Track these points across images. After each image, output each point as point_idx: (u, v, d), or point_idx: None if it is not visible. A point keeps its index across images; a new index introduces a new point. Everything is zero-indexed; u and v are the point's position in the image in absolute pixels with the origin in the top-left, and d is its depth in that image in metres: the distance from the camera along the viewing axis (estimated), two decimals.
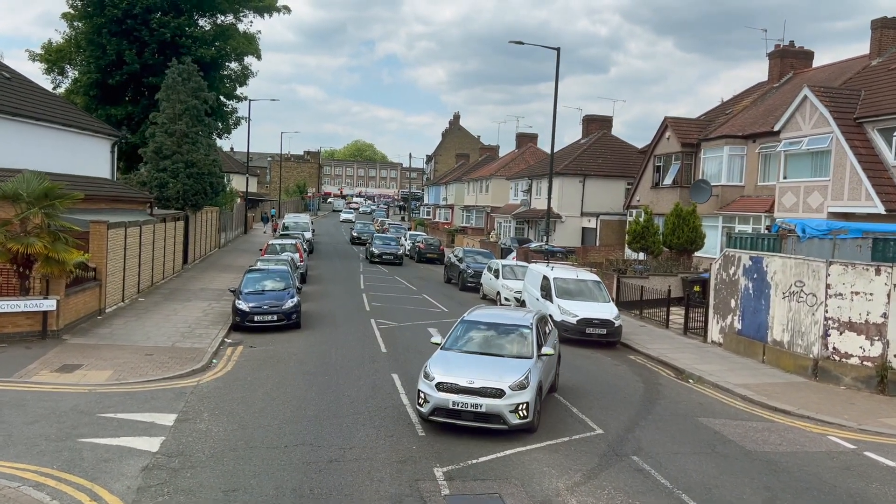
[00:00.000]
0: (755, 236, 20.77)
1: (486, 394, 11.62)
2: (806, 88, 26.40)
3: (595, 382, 16.27)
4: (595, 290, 21.94)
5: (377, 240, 45.04)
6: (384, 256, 41.94)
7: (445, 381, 11.81)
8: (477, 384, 11.72)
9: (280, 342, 18.95)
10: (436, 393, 11.77)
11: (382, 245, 43.36)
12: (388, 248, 42.99)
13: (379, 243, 43.81)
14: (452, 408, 11.63)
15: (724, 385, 16.52)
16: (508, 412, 11.54)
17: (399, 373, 15.86)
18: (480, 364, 12.44)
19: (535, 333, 13.40)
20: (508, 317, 14.43)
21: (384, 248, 42.87)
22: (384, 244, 43.64)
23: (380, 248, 42.69)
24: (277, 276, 22.31)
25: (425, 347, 18.69)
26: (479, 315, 14.42)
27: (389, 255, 42.11)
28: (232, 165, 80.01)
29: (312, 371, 15.87)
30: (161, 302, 23.74)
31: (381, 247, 42.99)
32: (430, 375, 12.05)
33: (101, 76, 39.72)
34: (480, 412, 11.58)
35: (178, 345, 17.71)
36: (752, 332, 19.62)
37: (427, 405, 11.84)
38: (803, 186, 26.66)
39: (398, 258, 42.34)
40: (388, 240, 45.42)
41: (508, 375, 11.93)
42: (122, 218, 23.75)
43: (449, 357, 12.79)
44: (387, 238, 46.10)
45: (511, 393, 11.63)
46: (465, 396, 11.62)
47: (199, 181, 33.54)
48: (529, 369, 12.23)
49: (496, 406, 11.55)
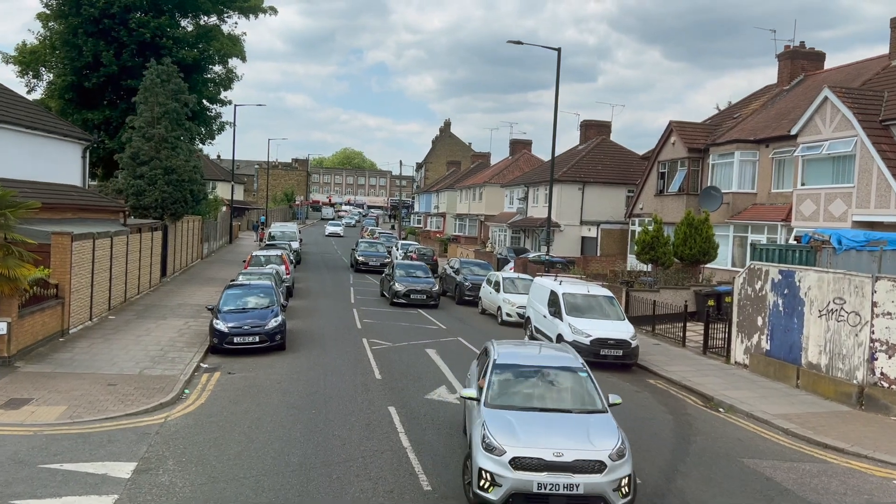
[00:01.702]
0: (784, 248, 19.05)
1: (584, 469, 8.78)
2: (826, 89, 24.78)
3: (617, 414, 14.37)
4: (608, 307, 20.13)
5: (399, 269, 30.48)
6: (414, 296, 28.28)
7: (525, 456, 8.80)
8: (568, 457, 8.80)
9: (262, 367, 17.01)
10: (511, 473, 8.73)
11: (410, 280, 29.33)
12: (418, 283, 29.16)
13: (402, 274, 29.88)
14: (538, 491, 8.67)
15: (761, 416, 14.72)
16: (612, 490, 8.78)
17: (396, 405, 13.96)
18: (553, 426, 9.53)
19: (590, 375, 10.97)
20: (550, 357, 11.78)
21: (413, 283, 29.04)
22: (412, 279, 29.52)
23: (406, 284, 28.80)
24: (260, 291, 20.38)
25: (424, 373, 16.86)
26: (513, 355, 11.30)
27: (421, 295, 28.42)
28: (218, 173, 78.00)
29: (297, 404, 13.95)
30: (133, 320, 21.73)
31: (408, 281, 29.11)
32: (497, 446, 8.95)
33: (77, 79, 37.78)
34: (577, 494, 8.70)
35: (147, 372, 15.74)
36: (782, 353, 17.85)
37: (498, 490, 8.73)
38: (824, 193, 25.00)
39: (434, 298, 28.73)
40: (415, 268, 31.23)
41: (599, 440, 9.22)
42: (92, 228, 21.78)
43: (507, 419, 9.58)
44: (413, 267, 31.49)
45: (612, 465, 8.86)
46: (555, 475, 8.70)
47: (178, 188, 31.55)
48: (618, 428, 9.65)
49: (598, 485, 8.73)
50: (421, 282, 29.26)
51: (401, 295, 28.18)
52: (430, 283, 29.46)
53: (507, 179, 59.26)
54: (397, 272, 29.98)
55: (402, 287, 28.46)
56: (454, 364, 17.91)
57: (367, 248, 43.86)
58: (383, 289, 30.97)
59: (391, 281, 29.51)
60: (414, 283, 28.76)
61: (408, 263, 32.81)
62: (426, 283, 29.18)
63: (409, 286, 28.51)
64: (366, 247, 44.18)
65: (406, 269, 30.92)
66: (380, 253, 42.63)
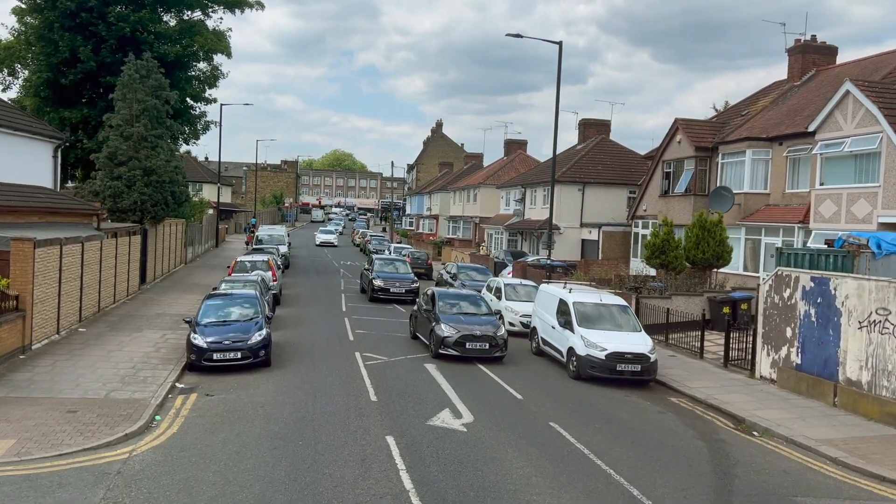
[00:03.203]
0: (816, 252, 17.51)
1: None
2: (848, 83, 23.31)
3: (644, 442, 12.81)
4: (622, 317, 18.55)
5: (443, 301, 20.43)
6: (471, 345, 18.55)
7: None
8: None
9: (244, 387, 15.31)
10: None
11: (461, 321, 19.28)
12: (475, 323, 19.28)
13: (448, 310, 19.95)
14: None
15: (802, 441, 13.17)
16: None
17: (395, 434, 12.30)
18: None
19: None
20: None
21: (469, 325, 19.14)
22: (465, 319, 19.52)
23: (458, 327, 18.94)
24: (243, 301, 18.64)
25: (424, 393, 15.22)
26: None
27: (482, 344, 18.61)
28: (205, 174, 76.19)
29: (283, 433, 12.26)
30: (105, 333, 19.96)
31: (458, 323, 19.15)
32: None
33: (54, 75, 35.90)
34: None
35: (115, 394, 14.02)
36: (816, 367, 16.31)
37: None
38: (846, 193, 23.52)
39: (500, 348, 18.98)
40: (463, 298, 21.25)
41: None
42: (60, 233, 20.02)
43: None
44: (461, 298, 21.18)
45: None
46: None
47: (158, 190, 29.75)
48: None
49: None
50: (480, 322, 19.24)
51: (451, 343, 18.44)
52: (493, 322, 19.46)
53: (503, 180, 57.66)
54: (440, 306, 19.92)
55: (451, 331, 18.64)
56: (457, 382, 16.28)
57: (386, 267, 32.03)
58: (416, 328, 21.25)
59: (431, 316, 19.68)
60: (470, 325, 18.88)
61: (453, 293, 21.99)
62: (488, 325, 19.09)
63: (464, 330, 18.64)
64: (383, 265, 32.22)
65: (450, 300, 20.64)
66: (405, 275, 31.38)
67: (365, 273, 32.90)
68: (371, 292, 30.04)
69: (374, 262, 32.72)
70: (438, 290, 22.02)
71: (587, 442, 12.41)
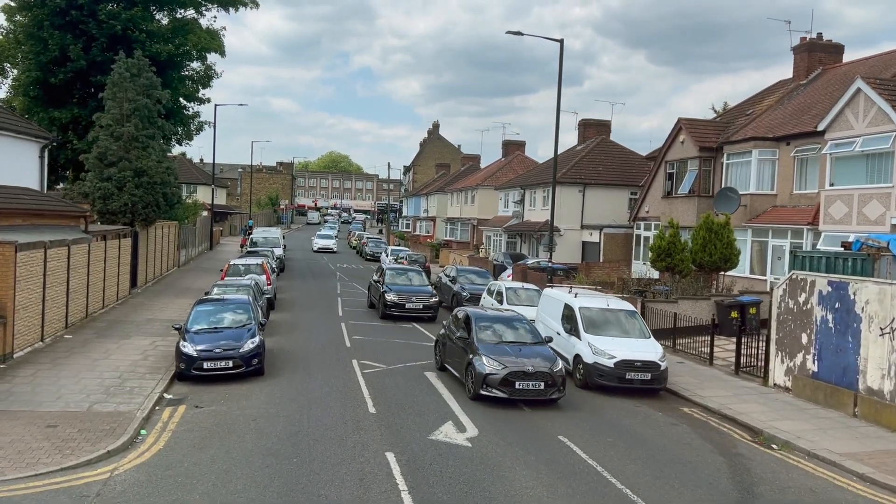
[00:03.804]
0: (833, 255, 16.82)
1: None
2: (859, 80, 22.66)
3: (660, 458, 12.08)
4: (630, 322, 17.83)
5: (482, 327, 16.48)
6: (523, 385, 14.71)
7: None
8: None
9: (236, 398, 14.55)
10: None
11: (507, 357, 15.29)
12: (525, 357, 15.35)
13: (503, 351, 15.58)
14: None
15: (825, 455, 12.46)
16: None
17: (395, 449, 11.56)
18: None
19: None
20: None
21: (517, 359, 15.33)
22: (513, 350, 15.75)
23: (502, 359, 15.18)
24: (236, 307, 17.87)
25: (425, 404, 14.47)
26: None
27: (535, 386, 14.74)
28: (199, 176, 75.43)
29: (276, 449, 11.51)
30: (92, 340, 19.17)
31: (502, 359, 15.18)
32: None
33: (43, 74, 35.09)
34: None
35: (98, 407, 13.25)
36: (833, 376, 15.61)
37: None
38: (857, 194, 22.86)
39: (559, 388, 15.09)
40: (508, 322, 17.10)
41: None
42: (45, 236, 19.25)
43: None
44: (513, 321, 17.19)
45: None
46: None
47: (150, 191, 28.93)
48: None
49: None
50: (531, 353, 15.30)
51: (496, 382, 14.47)
52: (546, 354, 15.51)
53: (501, 181, 56.91)
54: (478, 332, 15.90)
55: (495, 366, 14.68)
56: (459, 392, 15.54)
57: (399, 278, 27.36)
58: (445, 357, 17.42)
59: (466, 346, 15.76)
60: (519, 358, 14.97)
61: (493, 315, 17.58)
62: (540, 357, 15.17)
63: (512, 365, 14.76)
64: (396, 276, 27.45)
65: (490, 324, 16.54)
66: (422, 288, 27.08)
67: (375, 285, 28.21)
68: (383, 308, 25.89)
69: (386, 272, 27.76)
70: (474, 311, 17.60)
71: (599, 458, 11.68)
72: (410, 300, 25.72)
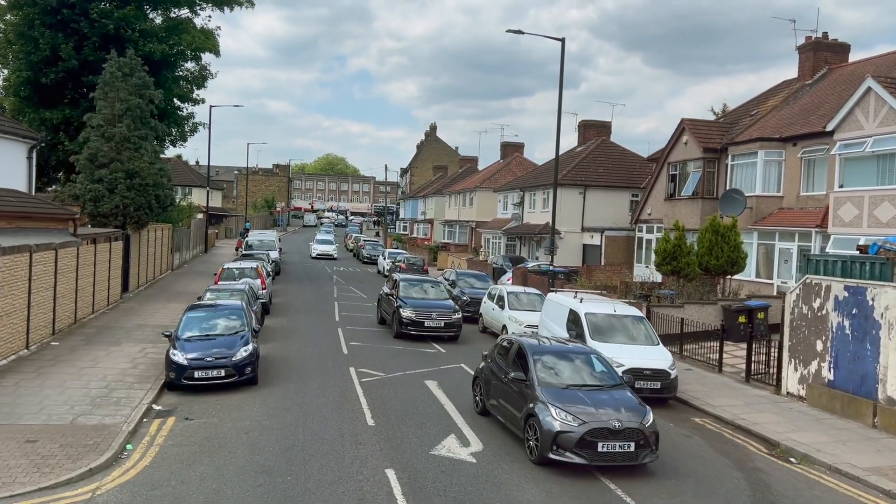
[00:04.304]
0: (849, 259, 16.23)
1: None
2: (870, 79, 22.11)
3: (675, 473, 11.44)
4: (637, 329, 17.20)
5: (541, 368, 12.61)
6: (608, 447, 11.02)
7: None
8: None
9: (228, 409, 13.90)
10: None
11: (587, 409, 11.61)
12: (613, 407, 11.68)
13: (576, 398, 11.81)
14: None
15: (848, 470, 11.85)
16: None
17: (396, 466, 10.92)
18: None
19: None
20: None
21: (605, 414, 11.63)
22: None
23: None
24: (229, 313, 17.20)
25: (426, 415, 13.81)
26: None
27: (624, 448, 11.06)
28: (195, 178, 74.74)
29: (269, 465, 10.86)
30: (79, 347, 18.49)
31: (578, 401, 11.69)
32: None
33: (34, 74, 34.39)
34: None
35: (83, 419, 12.58)
36: (851, 384, 15.01)
37: None
38: (868, 196, 22.29)
39: (652, 449, 11.37)
40: (585, 353, 13.78)
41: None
42: (32, 239, 18.60)
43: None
44: (581, 355, 13.52)
45: None
46: None
47: (142, 193, 28.26)
48: None
49: None
50: (613, 402, 11.72)
51: (572, 444, 11.00)
52: (631, 401, 11.88)
53: (500, 184, 56.30)
54: (539, 371, 12.40)
55: (569, 421, 11.16)
56: (461, 401, 14.90)
57: (413, 290, 23.82)
58: (488, 396, 13.72)
59: (525, 390, 12.17)
60: (599, 409, 11.43)
61: (556, 347, 13.66)
62: (624, 406, 11.62)
63: (592, 419, 11.21)
64: (410, 288, 23.91)
65: (553, 359, 12.95)
66: (442, 302, 23.39)
67: (387, 298, 24.48)
68: (398, 326, 22.36)
69: (400, 283, 24.01)
70: (528, 342, 13.48)
71: (612, 475, 11.04)
72: (430, 317, 22.21)
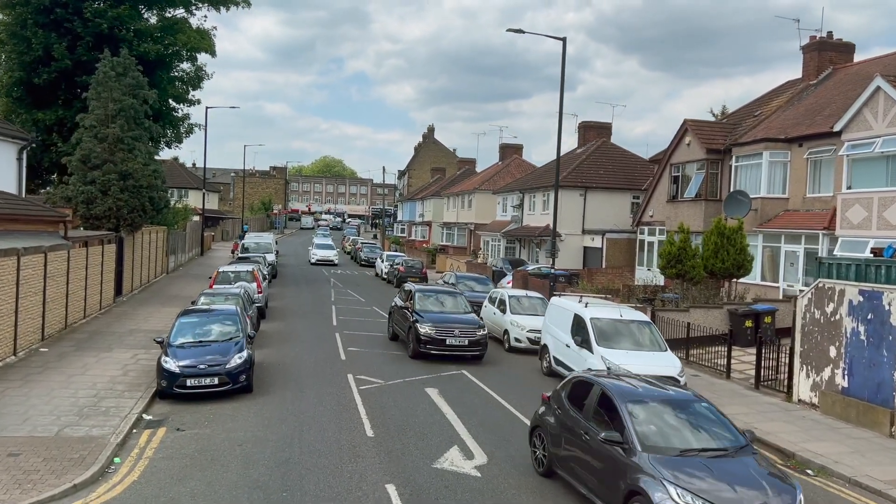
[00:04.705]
0: (863, 263, 15.74)
1: None
2: (879, 78, 21.66)
3: None
4: (645, 334, 16.72)
5: None
6: None
7: None
8: None
9: (221, 419, 13.36)
10: None
11: None
12: (746, 485, 8.48)
13: (696, 467, 8.65)
14: None
15: (868, 483, 11.35)
16: None
17: (396, 480, 10.39)
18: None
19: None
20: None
21: None
22: None
23: None
24: (223, 318, 16.65)
25: (428, 426, 13.27)
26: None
27: None
28: (191, 181, 74.25)
29: (263, 481, 10.33)
30: (69, 354, 17.94)
31: (703, 471, 8.56)
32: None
33: (26, 74, 33.88)
34: None
35: (69, 431, 12.04)
36: (866, 392, 14.52)
37: None
38: (877, 198, 21.83)
39: None
40: (687, 402, 10.11)
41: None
42: (21, 242, 18.06)
43: None
44: (685, 406, 9.99)
45: None
46: None
47: (135, 195, 27.72)
48: None
49: None
50: (745, 477, 8.65)
51: None
52: (770, 481, 8.75)
53: (499, 185, 55.81)
54: (639, 425, 9.14)
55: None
56: (463, 410, 14.38)
57: (429, 301, 21.06)
58: (556, 456, 10.57)
59: (619, 459, 8.90)
60: (734, 485, 8.33)
61: (659, 394, 10.10)
62: (760, 484, 8.56)
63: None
64: (426, 299, 21.08)
65: (654, 406, 9.64)
66: (464, 317, 20.29)
67: (400, 312, 21.40)
68: (415, 344, 19.27)
69: (415, 295, 20.98)
70: (615, 385, 9.97)
71: None
72: (451, 333, 19.17)
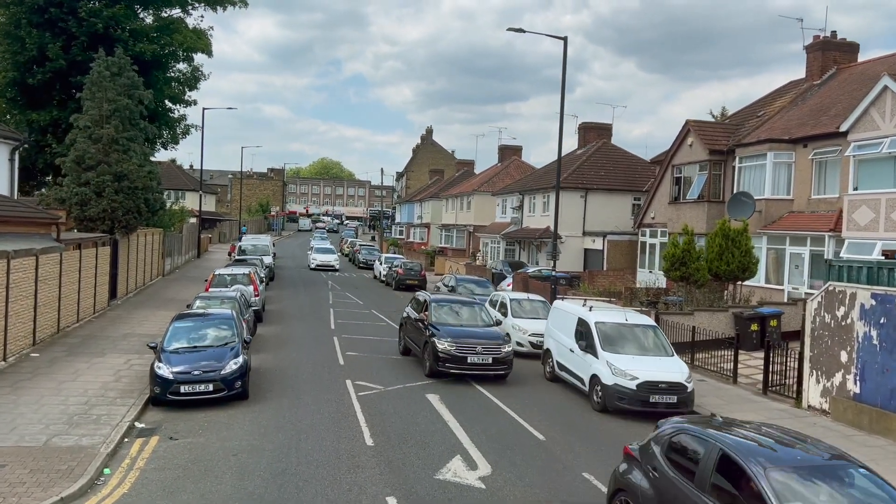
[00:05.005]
0: (875, 265, 15.35)
1: None
2: (886, 78, 21.31)
3: None
4: (651, 339, 16.32)
5: None
6: None
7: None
8: None
9: (216, 427, 12.94)
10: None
11: None
12: None
13: None
14: None
15: None
16: None
17: (397, 493, 9.98)
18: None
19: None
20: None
21: None
22: None
23: None
24: (219, 322, 16.23)
25: (429, 434, 12.86)
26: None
27: None
28: (189, 182, 73.86)
29: (259, 493, 9.92)
30: (61, 359, 17.51)
31: None
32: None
33: (20, 75, 33.48)
34: None
35: (57, 440, 11.61)
36: (879, 398, 14.14)
37: None
38: (885, 199, 21.46)
39: None
40: None
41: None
42: (11, 245, 17.63)
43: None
44: None
45: None
46: None
47: (130, 197, 27.27)
48: None
49: None
50: None
51: None
52: None
53: (498, 187, 55.42)
54: None
55: None
56: (466, 418, 13.98)
57: (445, 312, 18.83)
58: None
59: None
60: None
61: (798, 460, 7.42)
62: None
63: None
64: (441, 309, 18.86)
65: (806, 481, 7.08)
66: (486, 331, 18.03)
67: (414, 325, 19.21)
68: (433, 361, 17.11)
69: (431, 305, 18.75)
70: (743, 445, 7.59)
71: None
72: (473, 350, 16.95)
